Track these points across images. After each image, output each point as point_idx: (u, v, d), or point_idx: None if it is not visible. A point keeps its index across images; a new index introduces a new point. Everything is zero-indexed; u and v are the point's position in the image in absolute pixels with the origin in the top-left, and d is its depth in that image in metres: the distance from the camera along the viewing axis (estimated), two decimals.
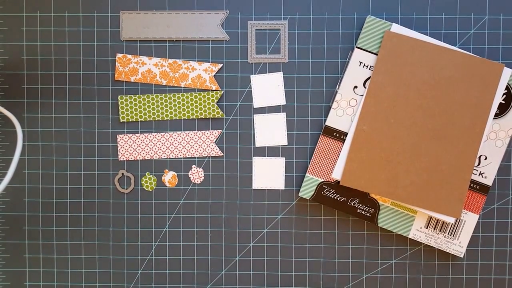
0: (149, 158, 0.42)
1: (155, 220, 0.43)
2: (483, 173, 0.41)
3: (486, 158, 0.41)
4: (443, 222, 0.41)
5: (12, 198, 0.43)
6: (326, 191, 0.41)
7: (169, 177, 0.42)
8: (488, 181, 0.41)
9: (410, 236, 0.41)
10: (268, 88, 0.42)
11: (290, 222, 0.43)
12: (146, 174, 0.42)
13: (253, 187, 0.42)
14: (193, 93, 0.42)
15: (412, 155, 0.40)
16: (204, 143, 0.42)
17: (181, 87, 0.42)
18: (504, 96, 0.40)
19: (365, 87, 0.41)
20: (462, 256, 0.41)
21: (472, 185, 0.41)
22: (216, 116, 0.42)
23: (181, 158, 0.43)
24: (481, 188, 0.41)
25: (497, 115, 0.40)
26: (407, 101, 0.40)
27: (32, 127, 0.42)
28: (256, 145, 0.42)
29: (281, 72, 0.42)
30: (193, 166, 0.43)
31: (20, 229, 0.43)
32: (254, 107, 0.42)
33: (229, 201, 0.43)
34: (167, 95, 0.42)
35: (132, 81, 0.42)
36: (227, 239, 0.43)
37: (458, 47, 0.41)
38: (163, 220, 0.43)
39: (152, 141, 0.42)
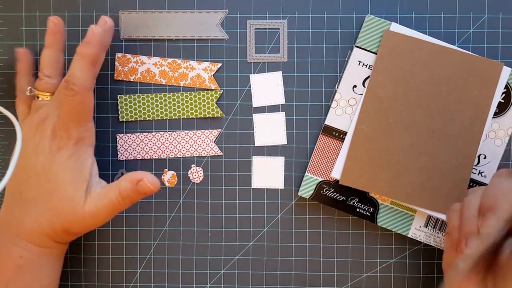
0: (148, 157, 0.42)
1: (155, 219, 0.43)
2: (483, 172, 0.41)
3: (485, 157, 0.41)
4: (443, 221, 0.41)
5: None
6: (326, 190, 0.41)
7: (169, 177, 0.43)
8: (488, 180, 0.41)
9: (409, 235, 0.41)
10: (267, 88, 0.42)
11: (290, 222, 0.43)
12: None
13: (253, 187, 0.42)
14: (192, 92, 0.42)
15: (411, 154, 0.40)
16: (203, 143, 0.42)
17: (180, 86, 0.42)
18: (504, 95, 0.40)
19: (365, 86, 0.41)
20: None
21: (471, 184, 0.41)
22: (215, 116, 0.42)
23: (180, 157, 0.43)
24: None
25: (496, 114, 0.40)
26: (406, 100, 0.40)
27: None
28: (256, 145, 0.42)
29: (281, 72, 0.42)
30: (193, 165, 0.43)
31: None
32: (254, 106, 0.42)
33: (228, 200, 0.43)
34: (166, 94, 0.42)
35: (132, 80, 0.42)
36: (227, 239, 0.43)
37: (457, 46, 0.41)
38: (162, 219, 0.43)
39: (152, 140, 0.42)
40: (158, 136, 0.42)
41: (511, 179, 0.32)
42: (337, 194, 0.41)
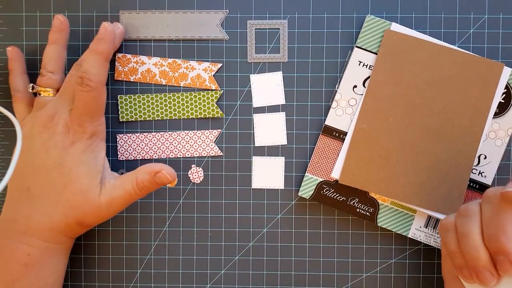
0: (148, 157, 0.42)
1: (155, 219, 0.43)
2: (483, 172, 0.41)
3: (485, 158, 0.41)
4: None
5: None
6: (326, 191, 0.41)
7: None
8: (488, 181, 0.41)
9: (409, 236, 0.41)
10: (267, 88, 0.42)
11: (290, 222, 0.43)
12: None
13: (253, 187, 0.42)
14: (192, 92, 0.42)
15: (411, 154, 0.40)
16: (203, 143, 0.42)
17: (180, 86, 0.42)
18: (504, 95, 0.40)
19: (365, 87, 0.41)
20: None
21: (471, 184, 0.41)
22: (215, 116, 0.42)
23: (180, 157, 0.43)
24: (481, 188, 0.41)
25: (496, 114, 0.40)
26: (406, 100, 0.40)
27: None
28: (256, 145, 0.42)
29: (281, 72, 0.42)
30: (193, 165, 0.43)
31: None
32: (254, 106, 0.42)
33: (228, 200, 0.43)
34: (166, 94, 0.42)
35: (132, 80, 0.42)
36: (227, 239, 0.43)
37: (457, 46, 0.41)
38: (162, 219, 0.43)
39: (152, 140, 0.42)
40: (158, 136, 0.42)
41: (503, 206, 0.30)
42: (337, 194, 0.41)
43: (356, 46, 0.41)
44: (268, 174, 0.42)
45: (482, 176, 0.41)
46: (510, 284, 0.31)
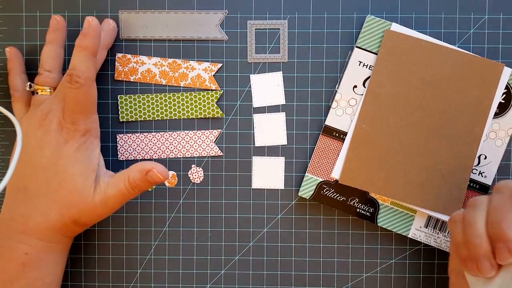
0: (148, 157, 0.42)
1: (155, 219, 0.43)
2: (483, 172, 0.41)
3: (485, 158, 0.40)
4: (443, 221, 0.41)
5: None
6: (326, 191, 0.41)
7: (169, 177, 0.42)
8: (488, 181, 0.41)
9: (409, 236, 0.41)
10: (267, 88, 0.42)
11: (290, 222, 0.43)
12: None
13: (253, 187, 0.42)
14: (192, 92, 0.42)
15: (411, 154, 0.40)
16: (203, 143, 0.42)
17: (180, 86, 0.42)
18: (504, 95, 0.40)
19: (365, 87, 0.41)
20: None
21: (471, 184, 0.41)
22: (215, 116, 0.42)
23: (180, 157, 0.43)
24: (481, 188, 0.41)
25: (496, 115, 0.40)
26: (406, 100, 0.40)
27: None
28: (256, 145, 0.42)
29: (281, 72, 0.42)
30: (193, 165, 0.43)
31: None
32: (254, 106, 0.42)
33: (228, 200, 0.43)
34: (166, 94, 0.42)
35: (132, 80, 0.42)
36: (227, 239, 0.43)
37: (458, 47, 0.41)
38: (162, 219, 0.43)
39: (152, 140, 0.42)
40: (158, 136, 0.42)
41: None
42: (337, 195, 0.41)
43: (356, 46, 0.41)
44: (268, 174, 0.42)
45: (482, 176, 0.41)
46: (507, 277, 0.30)
